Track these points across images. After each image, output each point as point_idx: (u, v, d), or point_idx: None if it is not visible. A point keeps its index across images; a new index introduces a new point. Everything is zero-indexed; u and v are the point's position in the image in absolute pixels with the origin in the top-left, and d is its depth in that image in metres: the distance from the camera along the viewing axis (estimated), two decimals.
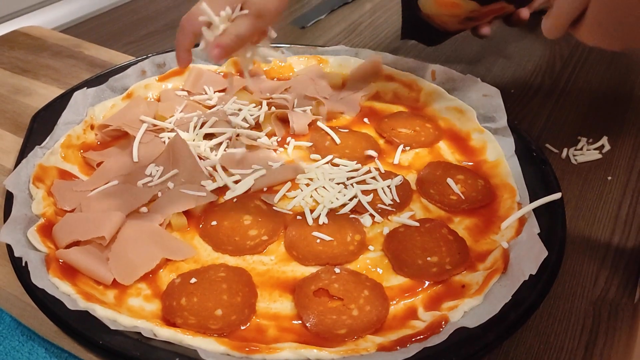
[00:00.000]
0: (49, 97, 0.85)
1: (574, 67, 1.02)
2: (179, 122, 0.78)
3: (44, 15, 1.21)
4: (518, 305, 0.53)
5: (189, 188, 0.67)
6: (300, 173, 0.72)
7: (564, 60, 1.04)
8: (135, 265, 0.58)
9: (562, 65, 1.03)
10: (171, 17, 1.23)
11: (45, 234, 0.60)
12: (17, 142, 0.76)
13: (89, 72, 0.96)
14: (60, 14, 1.22)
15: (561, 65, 1.03)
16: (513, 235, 0.63)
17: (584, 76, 1.00)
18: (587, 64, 1.03)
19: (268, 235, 0.64)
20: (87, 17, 1.22)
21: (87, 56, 1.01)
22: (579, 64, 1.03)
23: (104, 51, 1.03)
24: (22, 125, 0.80)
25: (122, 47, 1.08)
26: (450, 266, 0.60)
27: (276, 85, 0.87)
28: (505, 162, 0.72)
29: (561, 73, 1.01)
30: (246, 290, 0.57)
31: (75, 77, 0.94)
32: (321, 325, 0.54)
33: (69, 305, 0.51)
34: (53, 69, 0.98)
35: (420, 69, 0.87)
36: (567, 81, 0.98)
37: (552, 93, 0.95)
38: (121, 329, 0.51)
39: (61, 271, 0.55)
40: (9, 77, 0.95)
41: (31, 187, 0.65)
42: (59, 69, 0.98)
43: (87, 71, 0.96)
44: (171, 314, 0.54)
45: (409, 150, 0.78)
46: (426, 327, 0.53)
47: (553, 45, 1.10)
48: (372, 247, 0.63)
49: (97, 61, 1.00)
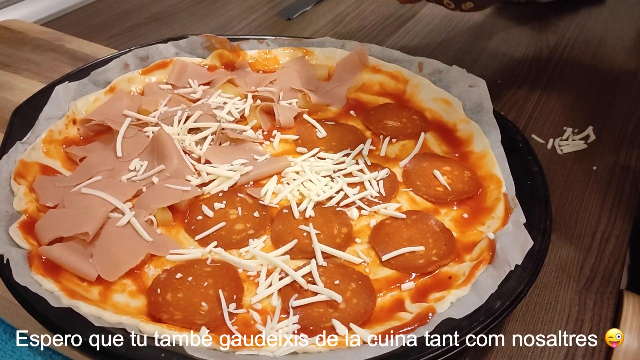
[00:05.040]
0: (30, 91, 0.84)
1: (560, 57, 1.03)
2: (163, 116, 0.77)
3: (25, 9, 1.19)
4: (504, 296, 0.53)
5: (174, 183, 0.67)
6: (286, 166, 0.71)
7: (550, 49, 1.05)
8: (119, 261, 0.58)
9: (549, 55, 1.03)
10: (154, 10, 1.22)
11: (28, 231, 0.59)
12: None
13: (70, 65, 0.95)
14: (41, 7, 1.20)
15: (548, 54, 1.04)
16: (499, 225, 0.63)
17: (569, 66, 1.01)
18: (573, 54, 1.04)
19: (254, 229, 0.64)
20: (69, 10, 1.21)
21: (69, 49, 1.00)
22: (564, 54, 1.04)
23: (86, 44, 1.02)
24: (2, 121, 0.79)
25: (104, 40, 1.07)
26: (437, 257, 0.60)
27: (262, 78, 0.87)
28: (491, 153, 0.72)
29: (547, 63, 1.02)
30: (232, 285, 0.57)
31: (57, 71, 0.93)
32: (308, 319, 0.54)
33: (52, 303, 0.50)
34: (34, 62, 0.96)
35: (406, 60, 0.87)
36: (553, 72, 0.99)
37: (538, 83, 0.95)
38: (106, 325, 0.50)
39: (44, 268, 0.55)
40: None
41: (12, 184, 0.64)
42: (40, 63, 0.96)
43: (68, 65, 0.95)
44: (156, 309, 0.54)
45: (395, 142, 0.78)
46: (413, 319, 0.53)
47: (540, 35, 1.10)
48: (358, 240, 0.63)
49: (78, 54, 0.99)
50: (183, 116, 0.77)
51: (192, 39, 0.89)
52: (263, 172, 0.70)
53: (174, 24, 1.17)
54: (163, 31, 1.14)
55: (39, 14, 1.17)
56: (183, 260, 0.60)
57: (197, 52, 0.90)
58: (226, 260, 0.60)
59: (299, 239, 0.62)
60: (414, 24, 1.16)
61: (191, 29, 1.14)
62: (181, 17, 1.20)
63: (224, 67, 0.90)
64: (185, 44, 0.89)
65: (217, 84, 0.85)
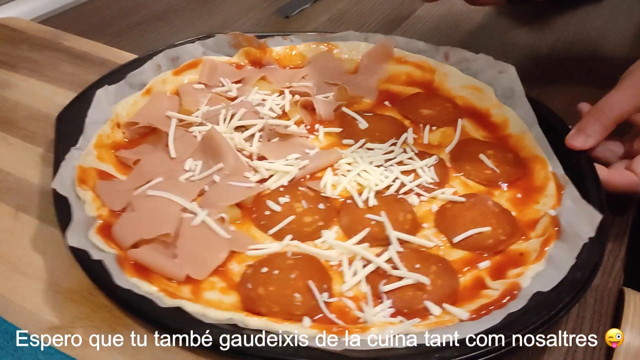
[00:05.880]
0: (29, 89, 0.84)
1: (559, 55, 1.05)
2: (206, 116, 0.77)
3: (22, 6, 1.16)
4: (583, 267, 0.56)
5: (234, 180, 0.67)
6: (339, 158, 0.73)
7: (549, 47, 1.08)
8: (205, 259, 0.58)
9: (548, 54, 1.06)
10: (153, 8, 1.20)
11: (106, 235, 0.58)
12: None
13: (69, 63, 0.94)
14: (39, 4, 1.16)
15: (547, 52, 1.06)
16: (555, 203, 0.66)
17: (569, 64, 1.03)
18: (572, 52, 1.07)
19: (323, 221, 0.65)
20: (67, 8, 1.18)
21: (67, 47, 0.98)
22: (563, 52, 1.06)
23: (85, 42, 1.00)
24: (1, 119, 0.78)
25: (103, 38, 1.05)
26: (505, 236, 0.63)
27: (291, 74, 0.87)
28: (530, 134, 0.75)
29: (546, 62, 1.04)
30: (319, 275, 0.58)
31: (55, 69, 0.92)
32: (401, 302, 0.56)
33: (159, 304, 0.50)
34: (32, 61, 0.95)
35: (430, 50, 0.89)
36: (552, 71, 1.01)
37: (537, 82, 0.96)
38: (212, 322, 0.51)
39: (136, 271, 0.54)
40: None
41: (78, 190, 0.63)
42: (38, 61, 0.94)
43: (67, 62, 0.94)
44: (253, 304, 0.55)
45: (435, 129, 0.80)
46: (501, 294, 0.55)
47: (539, 33, 1.13)
48: (425, 225, 0.65)
49: (77, 52, 0.97)
50: (228, 115, 0.77)
51: (219, 38, 0.89)
52: (318, 165, 0.72)
53: (173, 21, 1.16)
54: (162, 29, 1.13)
55: (37, 11, 1.14)
56: (263, 255, 0.61)
57: (224, 51, 0.90)
58: (306, 252, 0.61)
59: (369, 228, 0.64)
60: (413, 22, 1.17)
61: (189, 27, 1.14)
62: (180, 15, 1.19)
63: (250, 65, 0.90)
64: (212, 42, 0.89)
65: (249, 81, 0.85)
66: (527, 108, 0.78)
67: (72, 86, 0.88)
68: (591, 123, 0.70)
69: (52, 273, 0.60)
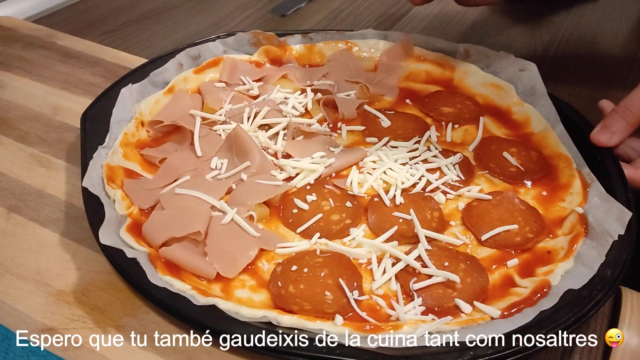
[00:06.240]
0: (22, 88, 0.84)
1: (554, 54, 1.05)
2: (230, 114, 0.78)
3: (15, 6, 1.16)
4: (612, 264, 0.56)
5: (262, 178, 0.67)
6: (364, 156, 0.73)
7: (544, 46, 1.07)
8: (235, 257, 0.58)
9: (543, 52, 1.05)
10: (147, 7, 1.20)
11: (136, 234, 0.59)
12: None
13: (62, 62, 0.94)
14: (32, 3, 1.17)
15: (542, 51, 1.06)
16: (581, 200, 0.66)
17: (563, 63, 1.03)
18: (567, 51, 1.06)
19: (351, 219, 0.65)
20: (60, 7, 1.19)
21: (61, 46, 0.99)
22: (558, 51, 1.06)
23: (78, 41, 1.00)
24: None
25: (96, 37, 1.06)
26: (532, 234, 0.63)
27: (312, 72, 0.88)
28: (553, 132, 0.75)
29: (541, 60, 1.01)
30: (349, 273, 0.58)
31: (49, 69, 0.92)
32: (431, 300, 0.56)
33: (193, 302, 0.51)
34: (25, 60, 0.95)
35: (449, 48, 0.89)
36: (547, 69, 0.99)
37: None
38: (247, 320, 0.51)
39: (167, 269, 0.55)
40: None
41: (107, 188, 0.63)
42: (32, 60, 0.95)
43: (60, 62, 0.94)
44: (284, 302, 0.55)
45: (457, 127, 0.80)
46: (532, 292, 0.55)
47: (534, 32, 1.12)
48: (453, 223, 0.65)
49: (71, 52, 0.97)
50: (252, 113, 0.77)
51: (240, 36, 0.89)
52: (344, 163, 0.72)
53: (167, 20, 1.16)
54: (156, 28, 1.13)
55: (30, 10, 1.15)
56: (292, 253, 0.61)
57: (244, 49, 0.90)
58: (335, 250, 0.61)
59: (397, 226, 0.64)
60: (408, 21, 1.17)
61: (185, 26, 1.14)
62: (175, 14, 1.19)
63: (270, 63, 0.90)
64: (233, 41, 0.89)
65: (270, 79, 0.85)
66: (550, 106, 0.78)
67: (66, 85, 0.88)
68: (616, 120, 0.70)
69: (44, 274, 0.59)
